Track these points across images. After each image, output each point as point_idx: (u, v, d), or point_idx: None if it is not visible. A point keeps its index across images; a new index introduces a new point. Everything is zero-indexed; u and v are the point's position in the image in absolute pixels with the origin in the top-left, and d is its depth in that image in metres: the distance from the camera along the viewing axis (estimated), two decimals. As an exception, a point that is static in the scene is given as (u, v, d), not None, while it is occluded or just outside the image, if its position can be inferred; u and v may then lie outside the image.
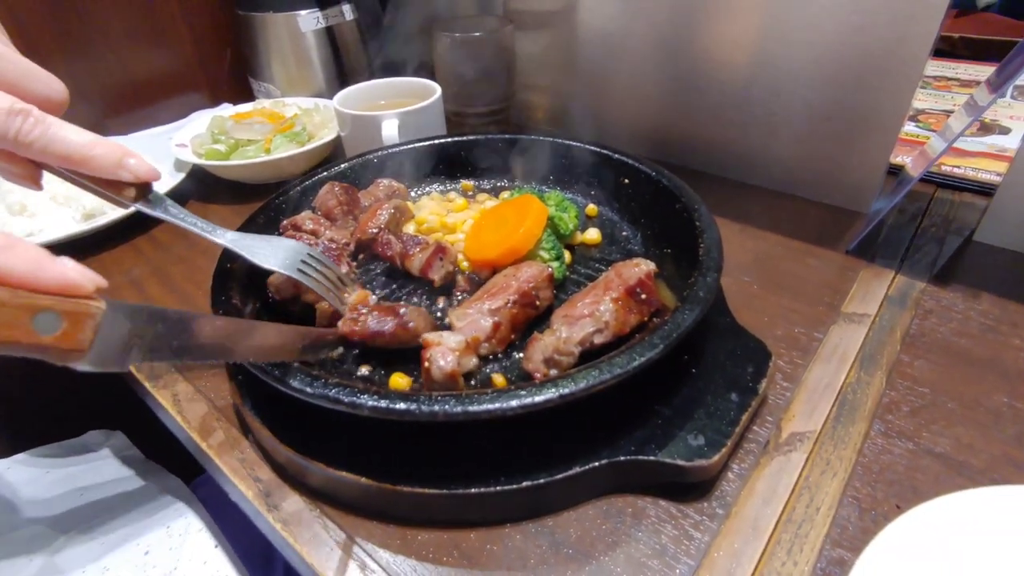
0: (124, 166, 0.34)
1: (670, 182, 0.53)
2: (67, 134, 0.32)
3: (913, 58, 0.55)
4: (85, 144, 0.32)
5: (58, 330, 0.21)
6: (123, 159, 0.34)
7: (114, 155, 0.33)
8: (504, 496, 0.35)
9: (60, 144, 0.31)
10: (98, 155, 0.33)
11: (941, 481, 0.37)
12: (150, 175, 0.36)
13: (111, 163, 0.33)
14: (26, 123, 0.30)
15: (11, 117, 0.30)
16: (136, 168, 0.34)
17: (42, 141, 0.31)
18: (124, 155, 0.34)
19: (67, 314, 0.21)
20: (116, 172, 0.34)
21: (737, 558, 0.34)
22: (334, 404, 0.34)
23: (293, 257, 0.41)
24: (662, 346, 0.35)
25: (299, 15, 0.86)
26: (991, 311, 0.50)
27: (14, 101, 0.30)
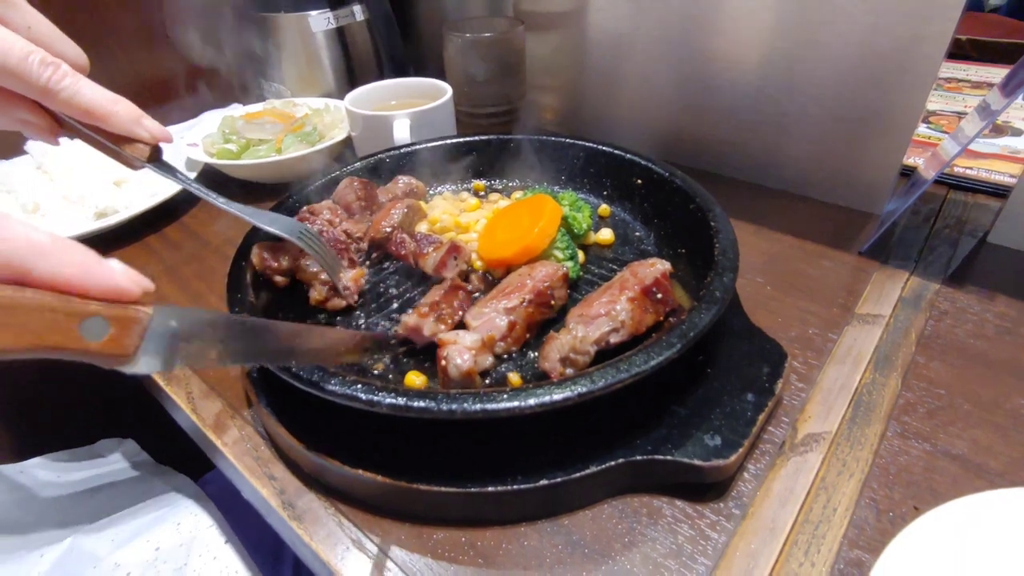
0: (141, 124, 0.37)
1: (684, 182, 0.53)
2: (92, 89, 0.34)
3: (927, 59, 0.55)
4: (108, 99, 0.35)
5: (105, 336, 0.21)
6: (140, 118, 0.37)
7: (133, 113, 0.36)
8: (521, 495, 0.35)
9: (85, 97, 0.34)
10: (119, 111, 0.35)
11: (959, 483, 0.37)
12: (164, 135, 0.38)
13: (130, 120, 0.36)
14: (56, 73, 0.32)
15: (43, 67, 0.32)
16: (152, 127, 0.37)
17: (69, 91, 0.33)
18: (141, 115, 0.37)
19: (114, 320, 0.21)
20: (133, 129, 0.36)
21: (754, 558, 0.34)
22: (351, 401, 0.34)
23: (293, 227, 0.45)
24: (679, 345, 0.35)
25: (310, 16, 0.87)
26: (1007, 313, 0.49)
27: (45, 54, 0.32)
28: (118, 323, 0.21)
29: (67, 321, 0.20)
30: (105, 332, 0.21)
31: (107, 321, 0.21)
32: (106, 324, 0.21)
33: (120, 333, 0.21)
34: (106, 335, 0.21)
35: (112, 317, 0.21)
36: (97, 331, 0.20)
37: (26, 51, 0.32)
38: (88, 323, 0.20)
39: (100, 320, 0.20)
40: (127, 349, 0.22)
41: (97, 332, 0.20)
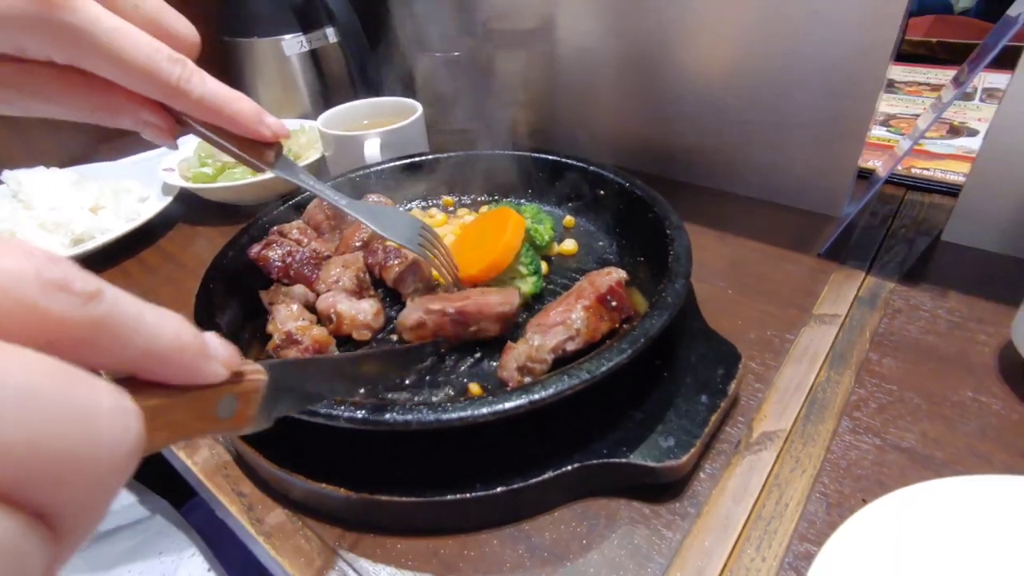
0: (263, 122, 0.35)
1: (643, 192, 0.55)
2: (217, 85, 0.32)
3: (875, 66, 0.57)
4: (232, 95, 0.33)
5: (234, 411, 0.21)
6: (262, 115, 0.35)
7: (254, 110, 0.34)
8: (480, 502, 0.36)
9: (212, 92, 0.32)
10: (241, 108, 0.33)
11: (907, 474, 0.38)
12: (284, 131, 0.37)
13: (253, 119, 0.34)
14: (185, 71, 0.30)
15: (172, 64, 0.29)
16: (273, 124, 0.35)
17: (199, 90, 0.31)
18: (261, 111, 0.35)
19: (241, 395, 0.21)
20: (257, 129, 0.34)
21: (707, 555, 0.35)
22: (311, 417, 0.35)
23: (412, 232, 0.45)
24: (629, 351, 0.37)
25: (283, 40, 0.88)
26: (958, 308, 0.51)
27: (170, 49, 0.29)
28: (243, 397, 0.22)
29: (209, 407, 0.20)
30: (234, 408, 0.21)
31: (235, 397, 0.21)
32: (235, 400, 0.21)
33: (246, 405, 0.22)
34: (235, 410, 0.21)
35: (239, 393, 0.21)
36: (229, 409, 0.21)
37: (153, 46, 0.29)
38: (222, 404, 0.21)
39: (231, 398, 0.21)
40: (251, 418, 0.23)
41: (229, 409, 0.21)
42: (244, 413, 0.22)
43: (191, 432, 0.20)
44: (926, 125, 0.54)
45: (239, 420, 0.22)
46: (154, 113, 0.33)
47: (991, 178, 0.55)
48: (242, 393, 0.21)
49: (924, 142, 0.78)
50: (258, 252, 0.51)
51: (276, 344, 0.44)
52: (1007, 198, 0.55)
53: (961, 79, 0.49)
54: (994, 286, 0.52)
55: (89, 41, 0.27)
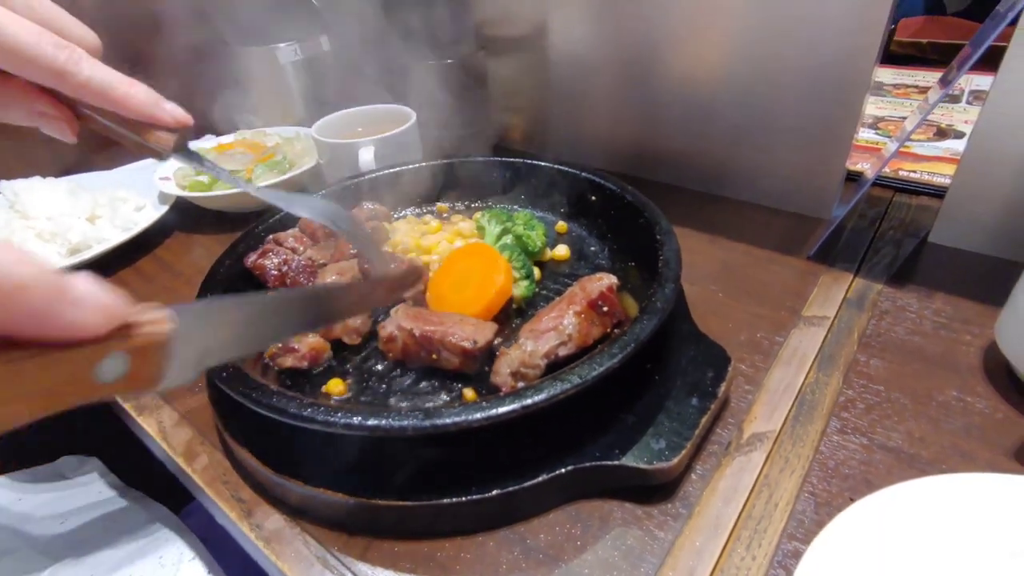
0: (161, 107, 0.34)
1: (634, 198, 0.55)
2: (108, 71, 0.32)
3: (860, 69, 0.58)
4: (125, 82, 0.33)
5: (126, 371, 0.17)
6: (159, 100, 0.34)
7: (151, 95, 0.34)
8: (476, 505, 0.36)
9: (101, 79, 0.32)
10: (136, 93, 0.33)
11: (893, 473, 0.39)
12: (186, 119, 0.36)
13: (149, 102, 0.34)
14: (71, 56, 0.31)
15: (57, 50, 0.30)
16: (173, 110, 0.35)
17: (83, 76, 0.31)
18: (159, 98, 0.34)
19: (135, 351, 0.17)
20: (154, 112, 0.34)
21: (699, 555, 0.35)
22: (308, 423, 0.35)
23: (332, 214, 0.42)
24: (620, 356, 0.37)
25: (278, 48, 0.89)
26: (944, 309, 0.52)
27: (58, 38, 0.30)
28: (139, 354, 0.18)
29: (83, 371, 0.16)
30: (125, 368, 0.17)
31: (127, 355, 0.17)
32: (126, 359, 0.17)
33: (143, 363, 0.18)
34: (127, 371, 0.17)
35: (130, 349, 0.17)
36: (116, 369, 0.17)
37: (37, 33, 0.30)
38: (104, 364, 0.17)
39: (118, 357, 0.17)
40: (157, 377, 0.19)
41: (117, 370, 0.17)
42: (143, 372, 0.18)
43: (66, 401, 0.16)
44: (913, 125, 0.55)
45: (137, 381, 0.18)
46: (48, 104, 0.33)
47: (976, 180, 0.56)
48: (135, 349, 0.17)
49: (912, 144, 0.79)
50: (254, 261, 0.52)
51: (273, 352, 0.45)
52: (991, 200, 0.56)
53: (949, 78, 0.50)
54: (979, 287, 0.53)
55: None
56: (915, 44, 1.26)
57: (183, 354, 0.19)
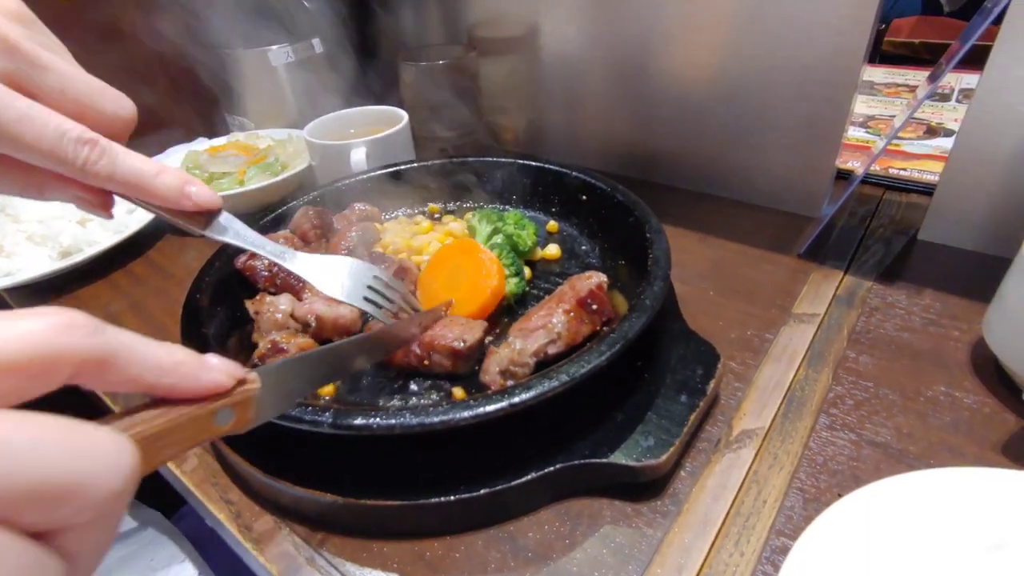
0: (186, 194, 0.34)
1: (624, 197, 0.55)
2: (133, 162, 0.32)
3: (848, 69, 0.58)
4: (150, 173, 0.33)
5: (232, 420, 0.24)
6: (184, 188, 0.34)
7: (176, 184, 0.34)
8: (464, 504, 0.36)
9: (126, 173, 0.32)
10: (162, 183, 0.33)
11: (881, 469, 0.39)
12: (211, 203, 0.36)
13: (174, 192, 0.34)
14: (93, 152, 0.30)
15: (79, 146, 0.30)
16: (197, 196, 0.35)
17: (109, 170, 0.31)
18: (185, 184, 0.34)
19: (236, 405, 0.24)
20: (179, 201, 0.34)
21: (687, 552, 0.35)
22: (295, 423, 0.35)
23: (358, 284, 0.43)
24: (608, 353, 0.37)
25: (270, 50, 0.89)
26: (932, 305, 0.52)
27: (83, 130, 0.30)
28: (240, 407, 0.24)
29: (208, 421, 0.23)
30: (232, 417, 0.24)
31: (233, 408, 0.24)
32: (231, 411, 0.24)
33: (242, 414, 0.25)
34: (232, 419, 0.24)
35: (234, 404, 0.24)
36: (226, 418, 0.24)
37: (60, 131, 0.29)
38: (220, 415, 0.23)
39: (227, 410, 0.24)
40: (249, 423, 0.25)
41: (226, 419, 0.24)
42: (241, 419, 0.25)
43: (195, 442, 0.23)
44: (901, 122, 0.55)
45: (236, 425, 0.25)
46: (83, 189, 0.33)
47: (963, 178, 0.56)
48: (238, 403, 0.24)
49: (901, 143, 0.79)
50: (244, 262, 0.52)
51: (262, 353, 0.45)
52: (979, 197, 0.56)
53: (938, 73, 0.51)
54: (968, 283, 0.53)
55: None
56: (908, 44, 1.27)
57: (267, 401, 0.26)
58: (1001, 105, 0.52)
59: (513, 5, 0.79)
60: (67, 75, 0.31)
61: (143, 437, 0.20)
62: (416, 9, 0.93)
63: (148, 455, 0.20)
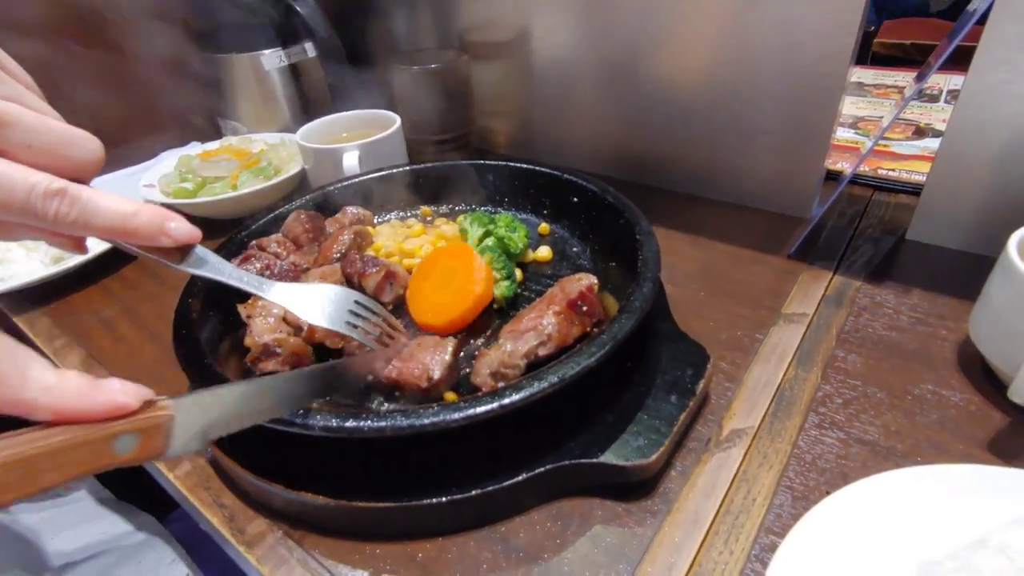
0: (165, 232, 0.33)
1: (615, 199, 0.56)
2: (107, 206, 0.31)
3: (835, 72, 0.59)
4: (125, 215, 0.32)
5: (135, 447, 0.23)
6: (163, 225, 0.33)
7: (154, 223, 0.33)
8: (456, 505, 0.37)
9: (100, 218, 0.31)
10: (138, 225, 0.32)
11: (868, 466, 0.39)
12: (191, 237, 0.35)
13: (152, 231, 0.33)
14: (63, 204, 0.29)
15: (47, 200, 0.29)
16: (176, 232, 0.34)
17: (82, 219, 0.30)
18: (164, 220, 0.33)
19: (141, 431, 0.23)
20: (157, 239, 0.33)
21: (677, 550, 0.36)
22: (287, 426, 0.35)
23: (340, 309, 0.42)
24: (598, 355, 0.38)
25: (262, 55, 0.89)
26: (920, 305, 0.53)
27: (50, 181, 0.29)
28: (144, 433, 0.23)
29: (102, 447, 0.22)
30: (135, 443, 0.23)
31: (135, 434, 0.23)
32: (135, 437, 0.23)
33: (148, 440, 0.23)
34: (136, 446, 0.23)
35: (138, 429, 0.23)
36: (128, 445, 0.22)
37: (27, 185, 0.29)
38: (119, 441, 0.22)
39: (128, 436, 0.22)
40: (158, 451, 0.24)
41: (128, 446, 0.22)
42: (148, 447, 0.23)
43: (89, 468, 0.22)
44: (888, 122, 0.56)
45: (146, 452, 0.23)
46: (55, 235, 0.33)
47: (950, 178, 0.57)
48: (142, 430, 0.23)
49: (890, 143, 0.80)
50: (237, 266, 0.52)
51: (254, 356, 0.45)
52: (965, 197, 0.57)
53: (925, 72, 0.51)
54: (954, 282, 0.54)
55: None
56: (898, 45, 1.28)
57: (183, 432, 0.24)
58: (985, 107, 0.52)
59: (505, 10, 0.80)
60: (31, 128, 0.29)
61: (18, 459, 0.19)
62: (408, 13, 0.93)
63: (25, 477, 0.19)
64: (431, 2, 0.88)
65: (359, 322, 0.42)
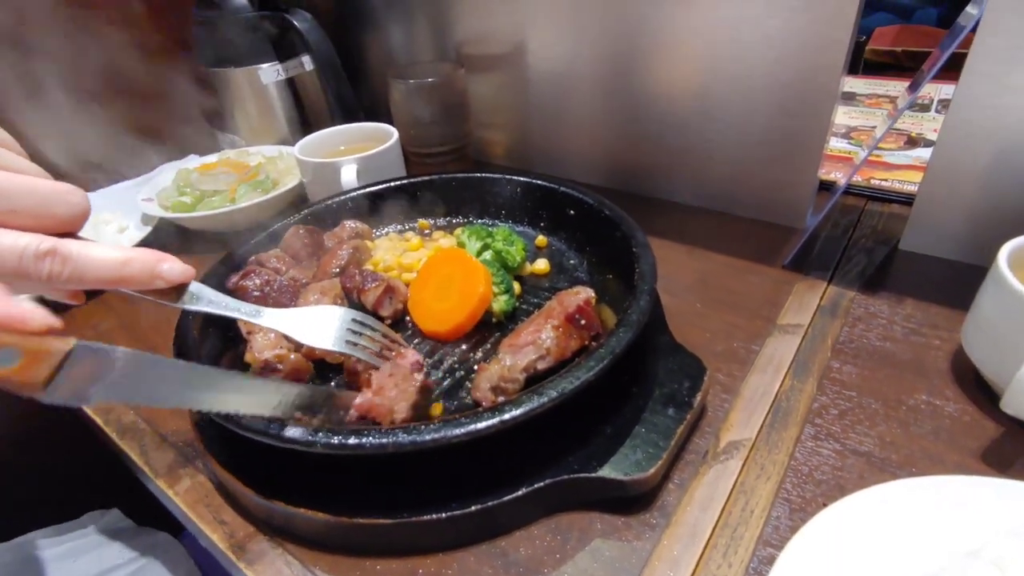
0: (159, 275, 0.34)
1: (611, 212, 0.56)
2: (98, 259, 0.31)
3: (826, 85, 0.60)
4: (117, 265, 0.32)
5: (15, 364, 0.22)
6: (156, 268, 0.33)
7: (147, 269, 0.33)
8: (456, 521, 0.37)
9: (93, 272, 0.31)
10: (131, 273, 0.32)
11: (865, 477, 0.40)
12: (184, 277, 0.35)
13: (146, 277, 0.33)
14: (55, 264, 0.30)
15: (39, 261, 0.29)
16: (169, 274, 0.34)
17: (75, 275, 0.30)
18: (157, 262, 0.33)
19: (27, 351, 0.23)
20: (152, 284, 0.34)
21: (676, 564, 0.36)
22: (291, 444, 0.36)
23: (340, 330, 0.42)
24: (596, 369, 0.38)
25: (260, 68, 0.90)
26: (914, 315, 0.53)
27: (39, 241, 0.29)
28: (30, 355, 0.23)
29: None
30: (15, 361, 0.22)
31: (19, 351, 0.22)
32: (18, 354, 0.22)
33: (30, 363, 0.23)
34: (16, 363, 0.22)
35: (25, 349, 0.23)
36: (8, 359, 0.22)
37: (18, 249, 0.29)
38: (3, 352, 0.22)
39: (12, 350, 0.22)
40: (36, 379, 0.23)
41: (7, 360, 0.22)
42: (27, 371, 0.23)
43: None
44: (882, 132, 0.56)
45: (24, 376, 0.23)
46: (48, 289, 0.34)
47: (941, 188, 0.57)
48: (28, 350, 0.23)
49: (883, 153, 0.81)
50: (236, 282, 0.52)
51: (255, 372, 0.45)
52: (957, 207, 0.57)
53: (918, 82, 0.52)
54: (948, 292, 0.55)
55: None
56: (890, 53, 1.29)
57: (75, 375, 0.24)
58: (975, 118, 0.53)
59: (501, 23, 0.81)
60: (14, 191, 0.29)
61: None
62: (405, 27, 0.94)
63: None
64: (428, 16, 0.89)
65: (359, 340, 0.42)
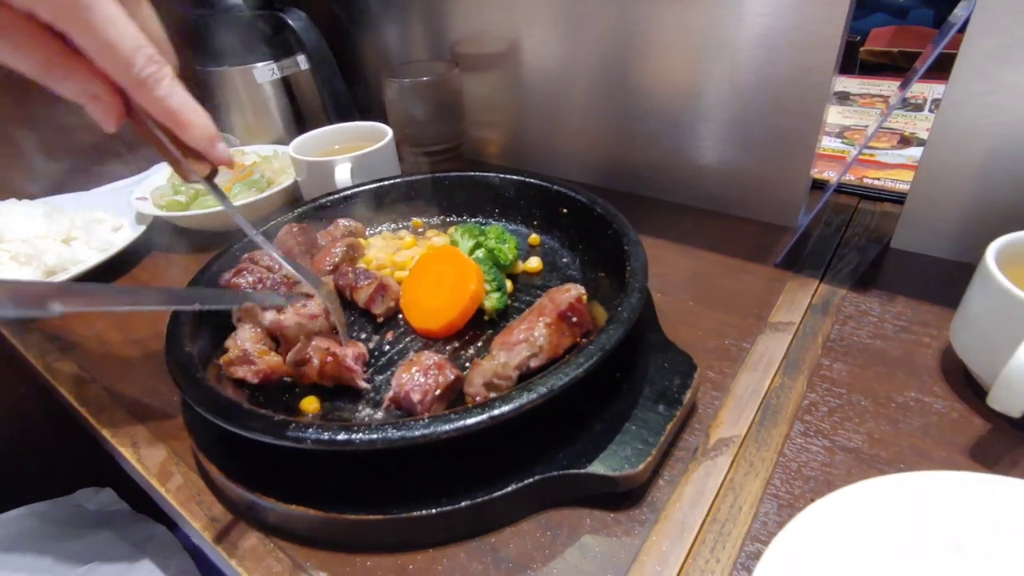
0: (215, 145, 0.36)
1: (603, 210, 0.57)
2: (182, 96, 0.34)
3: (817, 84, 0.60)
4: (192, 110, 0.34)
5: None
6: (215, 138, 0.36)
7: (209, 130, 0.35)
8: (446, 517, 0.37)
9: (172, 102, 0.33)
10: (198, 126, 0.35)
11: (853, 474, 0.40)
12: (228, 161, 0.38)
13: (205, 137, 0.35)
14: (159, 72, 0.32)
15: (149, 63, 0.32)
16: (222, 152, 0.37)
17: (163, 91, 0.33)
18: (215, 135, 0.36)
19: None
20: (207, 148, 0.36)
21: (664, 559, 0.36)
22: (280, 440, 0.36)
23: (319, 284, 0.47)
24: (586, 366, 0.38)
25: (255, 68, 0.90)
26: (904, 312, 0.54)
27: (155, 51, 0.32)
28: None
29: None
30: None
31: None
32: None
33: None
34: None
35: None
36: None
37: (138, 42, 0.31)
38: None
39: None
40: None
41: None
42: None
43: None
44: (873, 131, 0.57)
45: None
46: (104, 88, 0.34)
47: (932, 187, 0.58)
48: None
49: (876, 152, 0.81)
50: (229, 280, 0.52)
51: (230, 359, 0.45)
52: (948, 206, 0.58)
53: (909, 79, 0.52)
54: (938, 290, 0.55)
55: (84, 16, 0.30)
56: (886, 53, 1.30)
57: None
58: (966, 117, 0.53)
59: (495, 22, 0.81)
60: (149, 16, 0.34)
61: None
62: (400, 26, 0.94)
63: None
64: (422, 15, 0.89)
65: None
